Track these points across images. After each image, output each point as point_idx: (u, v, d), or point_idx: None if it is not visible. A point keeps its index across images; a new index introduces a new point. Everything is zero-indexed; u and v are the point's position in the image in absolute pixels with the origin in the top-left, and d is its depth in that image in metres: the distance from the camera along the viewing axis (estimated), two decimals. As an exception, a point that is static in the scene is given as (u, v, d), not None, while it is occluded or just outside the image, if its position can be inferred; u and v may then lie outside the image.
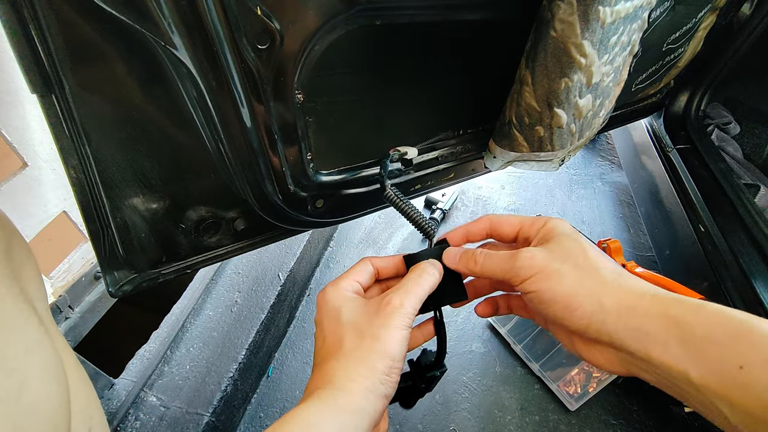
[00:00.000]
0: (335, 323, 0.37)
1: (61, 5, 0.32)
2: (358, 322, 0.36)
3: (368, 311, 0.37)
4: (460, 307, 0.45)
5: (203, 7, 0.33)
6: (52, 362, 0.29)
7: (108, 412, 0.96)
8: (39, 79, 0.34)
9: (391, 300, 0.36)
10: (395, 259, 0.44)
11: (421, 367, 0.45)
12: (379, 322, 0.35)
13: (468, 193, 1.80)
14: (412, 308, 0.37)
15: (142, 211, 0.47)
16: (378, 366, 0.34)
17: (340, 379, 0.33)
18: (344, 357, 0.35)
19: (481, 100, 0.65)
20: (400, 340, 0.35)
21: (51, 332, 0.32)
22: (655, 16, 0.68)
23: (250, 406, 1.14)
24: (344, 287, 0.40)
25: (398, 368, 0.35)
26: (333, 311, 0.38)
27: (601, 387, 1.08)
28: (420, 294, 0.38)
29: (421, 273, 0.40)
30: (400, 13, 0.46)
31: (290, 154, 0.49)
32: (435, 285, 0.40)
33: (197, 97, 0.39)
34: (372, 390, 0.33)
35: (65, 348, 0.35)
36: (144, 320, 1.26)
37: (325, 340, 0.37)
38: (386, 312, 0.36)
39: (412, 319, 0.37)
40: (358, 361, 0.34)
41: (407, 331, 0.36)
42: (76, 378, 0.35)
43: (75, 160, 0.39)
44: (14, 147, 0.74)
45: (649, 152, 1.27)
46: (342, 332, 0.36)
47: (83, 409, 0.34)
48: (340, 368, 0.34)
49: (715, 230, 0.95)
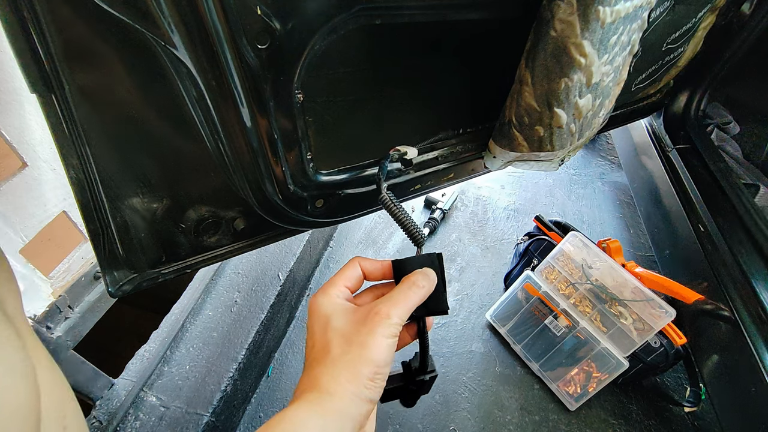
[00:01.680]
0: (324, 330, 0.39)
1: (61, 5, 0.32)
2: (346, 330, 0.38)
3: (356, 319, 0.38)
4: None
5: (203, 7, 0.33)
6: (18, 360, 0.29)
7: (108, 412, 0.96)
8: (39, 79, 0.34)
9: (380, 310, 0.38)
10: (383, 265, 0.45)
11: (411, 370, 0.46)
12: (365, 330, 0.37)
13: (468, 193, 1.80)
14: (399, 318, 0.38)
15: (142, 210, 0.47)
16: (363, 372, 0.35)
17: (327, 383, 0.35)
18: (331, 362, 0.36)
19: (481, 99, 0.65)
20: (386, 348, 0.36)
21: (21, 331, 0.32)
22: (654, 15, 0.68)
23: (249, 405, 1.14)
24: (334, 294, 0.41)
25: (383, 374, 0.36)
26: (323, 318, 0.40)
27: (600, 387, 1.08)
28: (409, 305, 0.39)
29: (412, 285, 0.41)
30: (400, 13, 0.46)
31: (290, 154, 0.49)
32: (424, 298, 0.41)
33: (197, 96, 0.39)
34: (357, 394, 0.35)
35: (37, 348, 0.35)
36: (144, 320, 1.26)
37: (315, 346, 0.39)
38: (374, 321, 0.37)
39: (398, 329, 0.38)
40: (345, 367, 0.35)
41: (393, 340, 0.37)
42: (49, 378, 0.35)
43: (75, 159, 0.39)
44: (14, 147, 0.74)
45: (648, 152, 1.27)
46: (330, 339, 0.38)
47: (57, 408, 0.34)
48: (327, 373, 0.36)
49: (714, 230, 0.95)
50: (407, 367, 0.46)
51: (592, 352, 1.08)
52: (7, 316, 0.30)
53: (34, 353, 0.33)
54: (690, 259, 1.05)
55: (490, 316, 1.31)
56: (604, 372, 1.08)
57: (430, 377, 0.45)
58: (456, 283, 1.45)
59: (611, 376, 1.06)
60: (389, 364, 0.37)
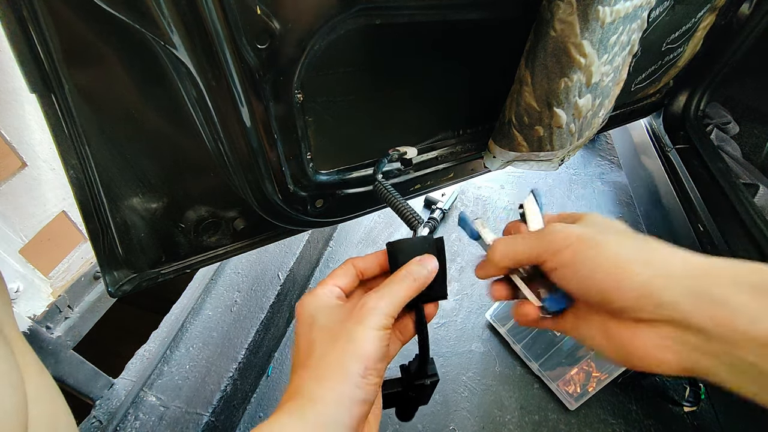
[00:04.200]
0: (308, 330, 0.35)
1: (61, 5, 0.32)
2: (331, 326, 0.34)
3: (342, 314, 0.34)
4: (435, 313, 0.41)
5: (203, 7, 0.33)
6: (5, 367, 0.28)
7: (107, 412, 0.96)
8: (38, 79, 0.34)
9: (366, 302, 0.34)
10: (378, 257, 0.40)
11: (410, 373, 0.41)
12: (351, 324, 0.33)
13: (468, 192, 1.80)
14: (390, 308, 0.33)
15: (142, 210, 0.47)
16: (352, 369, 0.31)
17: (311, 388, 0.31)
18: (315, 363, 0.32)
19: (481, 99, 0.65)
20: (375, 340, 0.32)
21: (10, 338, 0.31)
22: (654, 15, 0.68)
23: (249, 405, 1.14)
24: (321, 293, 0.37)
25: (376, 370, 0.32)
26: (308, 318, 0.36)
27: (600, 386, 1.08)
28: (401, 295, 0.35)
29: (406, 277, 0.36)
30: (399, 13, 0.46)
31: (290, 154, 0.49)
32: (421, 289, 0.36)
33: (197, 96, 0.39)
34: (347, 395, 0.30)
35: (27, 354, 0.34)
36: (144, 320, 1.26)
37: (300, 349, 0.35)
38: (360, 313, 0.33)
39: (389, 320, 0.33)
40: (330, 366, 0.31)
41: (384, 332, 0.33)
42: (40, 385, 0.34)
43: (74, 159, 0.39)
44: (13, 147, 0.74)
45: (648, 152, 1.27)
46: (314, 338, 0.34)
47: (47, 416, 0.33)
48: (311, 377, 0.32)
49: (714, 230, 0.95)
50: (406, 370, 0.42)
51: (592, 352, 1.09)
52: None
53: (24, 362, 0.32)
54: (689, 258, 1.05)
55: (489, 316, 1.31)
56: (604, 371, 1.08)
57: (431, 382, 0.41)
58: (456, 283, 1.44)
59: (611, 376, 1.07)
60: (382, 358, 0.33)
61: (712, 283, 0.25)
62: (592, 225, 0.33)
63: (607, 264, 0.28)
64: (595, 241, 0.29)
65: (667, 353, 0.27)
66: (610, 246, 0.29)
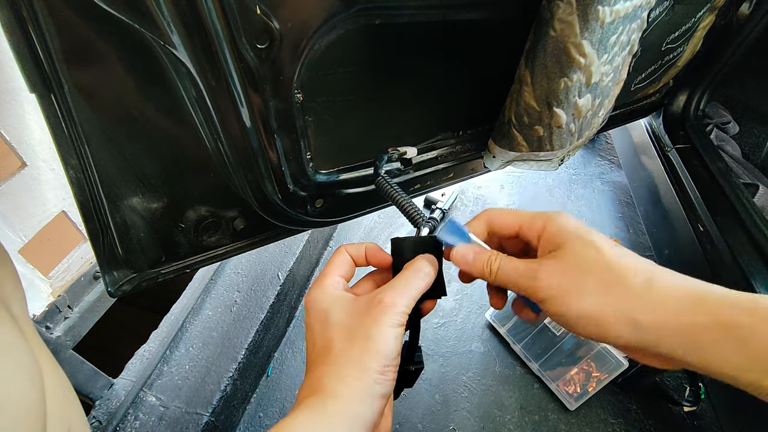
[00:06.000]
0: (324, 326, 0.36)
1: (60, 5, 0.32)
2: (347, 322, 0.35)
3: (358, 310, 0.35)
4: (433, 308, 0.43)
5: (202, 7, 0.33)
6: (26, 364, 0.29)
7: (107, 412, 0.96)
8: (38, 79, 0.34)
9: (383, 299, 0.35)
10: (367, 247, 0.42)
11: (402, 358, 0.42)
12: (369, 321, 0.34)
13: (467, 192, 1.80)
14: (405, 307, 0.35)
15: (142, 210, 0.47)
16: (372, 366, 0.32)
17: (331, 384, 0.32)
18: (335, 360, 0.33)
19: (481, 99, 0.65)
20: (393, 339, 0.33)
21: (27, 334, 0.32)
22: (654, 15, 0.68)
23: (249, 405, 1.14)
24: (330, 286, 0.38)
25: (393, 366, 0.34)
26: (321, 313, 0.37)
27: (600, 386, 1.08)
28: (414, 294, 0.36)
29: (417, 272, 0.38)
30: (399, 13, 0.46)
31: (290, 154, 0.49)
32: (429, 285, 0.38)
33: (196, 96, 0.39)
34: (367, 391, 0.32)
35: (42, 351, 0.34)
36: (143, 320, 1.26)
37: (315, 345, 0.36)
38: (377, 311, 0.34)
39: (405, 317, 0.35)
40: (350, 363, 0.32)
41: (400, 330, 0.34)
42: (55, 381, 0.34)
43: (74, 159, 0.39)
44: (13, 147, 0.74)
45: (648, 152, 1.27)
46: (331, 335, 0.35)
47: (61, 412, 0.34)
48: (331, 373, 0.33)
49: (714, 230, 0.95)
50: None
51: (592, 352, 1.09)
52: (13, 318, 0.30)
53: (39, 356, 0.32)
54: (689, 258, 1.05)
55: (489, 316, 1.31)
56: (604, 371, 1.08)
57: (415, 368, 0.42)
58: (456, 283, 1.44)
59: (611, 376, 1.07)
60: (398, 354, 0.34)
61: (684, 333, 0.29)
62: (571, 257, 0.34)
63: (590, 315, 0.32)
64: (576, 290, 0.33)
65: (673, 365, 0.31)
66: (590, 299, 0.32)
